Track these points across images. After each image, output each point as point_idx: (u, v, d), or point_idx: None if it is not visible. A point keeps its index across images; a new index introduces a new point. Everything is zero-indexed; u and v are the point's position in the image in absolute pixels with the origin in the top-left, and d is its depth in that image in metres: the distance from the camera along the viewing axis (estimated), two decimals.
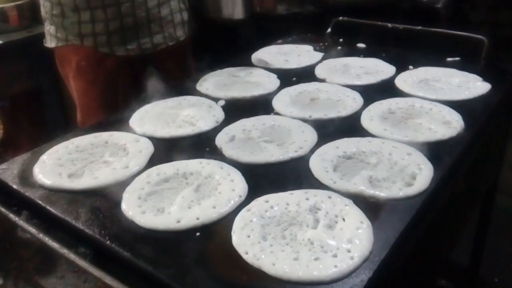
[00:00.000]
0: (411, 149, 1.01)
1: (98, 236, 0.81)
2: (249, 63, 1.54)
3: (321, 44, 1.67)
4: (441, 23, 1.65)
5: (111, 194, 0.92)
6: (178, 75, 1.60)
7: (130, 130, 1.15)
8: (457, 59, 1.49)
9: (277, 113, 1.21)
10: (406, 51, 1.56)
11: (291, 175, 0.96)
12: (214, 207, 0.86)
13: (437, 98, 1.23)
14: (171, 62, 1.60)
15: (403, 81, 1.34)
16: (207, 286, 0.71)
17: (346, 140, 1.05)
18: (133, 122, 1.18)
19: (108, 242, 0.80)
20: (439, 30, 1.54)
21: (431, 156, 0.98)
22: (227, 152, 1.03)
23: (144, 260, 0.75)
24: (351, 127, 1.13)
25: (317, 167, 0.96)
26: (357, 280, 0.70)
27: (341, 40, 1.70)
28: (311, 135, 1.08)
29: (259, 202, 0.86)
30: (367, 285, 0.70)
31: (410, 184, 0.91)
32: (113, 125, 1.18)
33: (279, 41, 1.74)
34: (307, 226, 0.81)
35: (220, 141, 1.08)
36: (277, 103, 1.25)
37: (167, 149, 1.07)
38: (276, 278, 0.71)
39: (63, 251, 0.78)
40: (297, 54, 1.59)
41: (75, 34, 1.45)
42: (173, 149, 1.07)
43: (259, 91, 1.32)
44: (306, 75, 1.43)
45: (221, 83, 1.39)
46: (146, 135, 1.12)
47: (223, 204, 0.86)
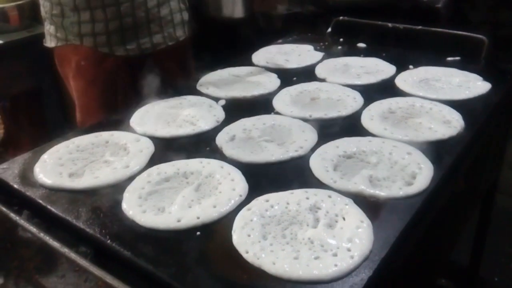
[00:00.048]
0: (411, 149, 1.01)
1: (98, 236, 0.81)
2: (249, 63, 1.54)
3: (321, 43, 1.67)
4: (441, 23, 1.65)
5: (112, 193, 0.92)
6: (178, 75, 1.60)
7: (130, 129, 1.15)
8: (457, 58, 1.49)
9: (277, 113, 1.21)
10: (406, 51, 1.56)
11: (291, 174, 0.96)
12: (214, 207, 0.86)
13: (437, 98, 1.23)
14: (171, 62, 1.59)
15: (403, 81, 1.34)
16: (207, 285, 0.71)
17: (346, 139, 1.05)
18: (134, 121, 1.18)
19: (108, 241, 0.80)
20: (439, 29, 1.54)
21: (431, 156, 0.98)
22: (227, 151, 1.03)
23: (145, 259, 0.75)
24: (351, 126, 1.13)
25: (318, 166, 0.96)
26: (357, 279, 0.71)
27: (341, 39, 1.70)
28: (311, 134, 1.08)
29: (260, 202, 0.86)
30: (367, 284, 0.70)
31: (410, 184, 0.91)
32: (113, 124, 1.18)
33: (279, 40, 1.74)
34: (307, 225, 0.81)
35: (220, 140, 1.08)
36: (277, 102, 1.25)
37: (167, 148, 1.07)
38: (276, 277, 0.72)
39: (64, 250, 0.78)
40: (297, 54, 1.59)
41: (75, 34, 1.45)
42: (174, 148, 1.07)
43: (260, 91, 1.33)
44: (306, 74, 1.43)
45: (221, 82, 1.39)
46: (147, 134, 1.12)
47: (223, 203, 0.87)
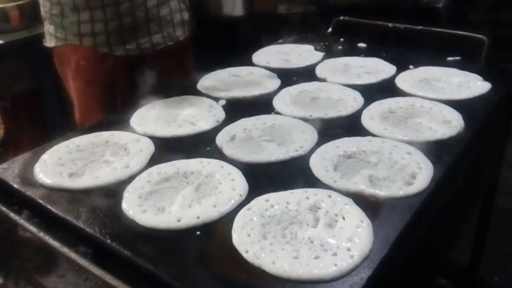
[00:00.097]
0: (411, 148, 1.01)
1: (98, 235, 0.81)
2: (249, 63, 1.54)
3: (321, 43, 1.67)
4: (442, 23, 1.65)
5: (112, 193, 0.92)
6: (178, 75, 1.60)
7: (130, 129, 1.15)
8: (457, 58, 1.49)
9: (277, 113, 1.21)
10: (407, 51, 1.56)
11: (291, 174, 0.96)
12: (214, 206, 0.86)
13: (437, 98, 1.23)
14: (171, 62, 1.59)
15: (403, 81, 1.34)
16: (207, 284, 0.71)
17: (346, 139, 1.05)
18: (134, 121, 1.18)
19: (108, 241, 0.80)
20: (440, 29, 1.54)
21: (431, 155, 0.98)
22: (227, 151, 1.03)
23: (145, 259, 0.75)
24: (351, 126, 1.13)
25: (318, 166, 0.96)
26: (357, 279, 0.71)
27: (341, 39, 1.70)
28: (311, 134, 1.08)
29: (260, 201, 0.86)
30: (366, 283, 0.70)
31: (410, 183, 0.91)
32: (113, 124, 1.18)
33: (279, 40, 1.74)
34: (307, 225, 0.81)
35: (220, 140, 1.08)
36: (277, 102, 1.25)
37: (167, 148, 1.07)
38: (276, 277, 0.72)
39: (64, 250, 0.78)
40: (297, 54, 1.59)
41: (74, 33, 1.45)
42: (174, 148, 1.07)
43: (260, 91, 1.33)
44: (306, 74, 1.43)
45: (221, 82, 1.39)
46: (147, 134, 1.12)
47: (223, 203, 0.87)
